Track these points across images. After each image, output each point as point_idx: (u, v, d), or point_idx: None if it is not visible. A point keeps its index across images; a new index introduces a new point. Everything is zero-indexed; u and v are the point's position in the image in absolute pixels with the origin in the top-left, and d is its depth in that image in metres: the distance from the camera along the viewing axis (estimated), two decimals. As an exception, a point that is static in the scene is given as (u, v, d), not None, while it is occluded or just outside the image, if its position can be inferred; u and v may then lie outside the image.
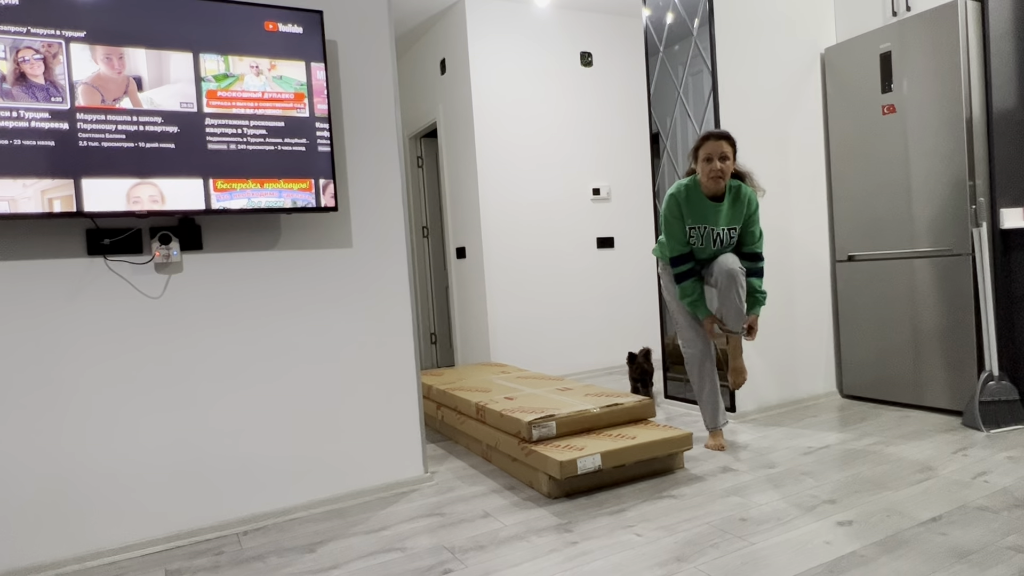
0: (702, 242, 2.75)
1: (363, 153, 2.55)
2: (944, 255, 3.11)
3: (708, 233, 2.73)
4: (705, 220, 2.72)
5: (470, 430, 3.01)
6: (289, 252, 2.41)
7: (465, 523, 2.22)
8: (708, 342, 2.86)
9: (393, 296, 2.60)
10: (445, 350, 5.83)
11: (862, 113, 3.42)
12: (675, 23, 3.51)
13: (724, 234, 2.74)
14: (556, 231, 4.86)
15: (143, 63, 2.04)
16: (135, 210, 2.04)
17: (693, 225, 2.73)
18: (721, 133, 2.64)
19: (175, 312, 2.22)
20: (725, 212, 2.72)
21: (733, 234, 2.75)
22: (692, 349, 2.87)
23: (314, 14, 2.31)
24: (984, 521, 1.95)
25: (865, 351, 3.51)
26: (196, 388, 2.25)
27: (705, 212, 2.71)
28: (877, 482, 2.33)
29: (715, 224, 2.72)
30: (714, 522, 2.08)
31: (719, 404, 2.88)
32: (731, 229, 2.74)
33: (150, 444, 2.18)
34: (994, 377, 2.87)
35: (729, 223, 2.74)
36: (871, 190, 3.41)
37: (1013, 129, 3.07)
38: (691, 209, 2.71)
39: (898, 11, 3.33)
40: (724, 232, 2.73)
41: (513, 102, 4.70)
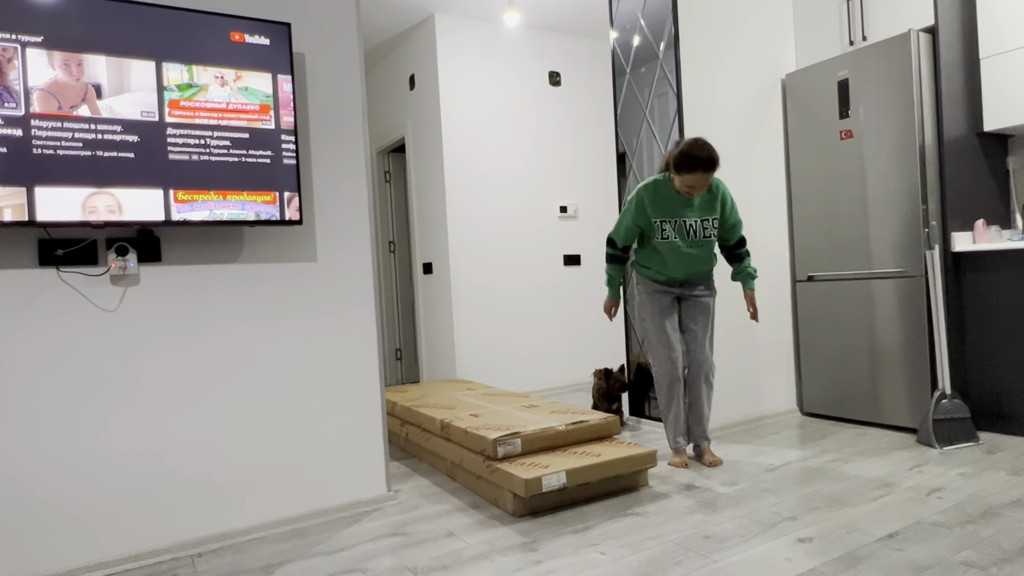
0: (675, 235, 2.74)
1: (330, 167, 2.52)
2: (899, 276, 3.20)
3: (680, 226, 2.73)
4: (675, 213, 2.73)
5: (435, 448, 2.97)
6: (251, 266, 2.36)
7: (428, 543, 2.18)
8: (678, 364, 2.84)
9: (358, 311, 2.57)
10: (410, 366, 5.78)
11: (821, 137, 3.52)
12: (642, 46, 3.58)
13: (698, 225, 2.74)
14: (523, 248, 4.88)
15: (103, 70, 1.99)
16: (91, 220, 1.98)
17: (664, 219, 2.73)
18: (710, 164, 2.56)
19: (131, 326, 2.15)
20: (697, 204, 2.74)
21: (707, 225, 2.75)
22: (661, 369, 2.86)
23: (282, 26, 2.29)
24: (939, 537, 1.99)
25: (824, 370, 3.58)
26: (151, 404, 2.18)
27: (675, 205, 2.74)
28: (836, 499, 2.37)
29: (686, 216, 2.73)
30: (678, 540, 2.08)
31: (681, 425, 2.90)
32: (705, 220, 2.74)
33: (101, 462, 2.10)
34: (947, 396, 2.95)
35: (702, 214, 2.75)
36: (830, 212, 3.50)
37: (963, 156, 3.19)
38: (659, 205, 2.73)
39: (855, 40, 3.45)
40: (698, 223, 2.74)
41: (482, 119, 4.73)
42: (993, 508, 2.19)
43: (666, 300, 2.86)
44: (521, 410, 2.98)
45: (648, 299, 2.88)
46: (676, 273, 2.82)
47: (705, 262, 2.83)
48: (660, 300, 2.85)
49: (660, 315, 2.86)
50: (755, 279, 2.89)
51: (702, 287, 2.88)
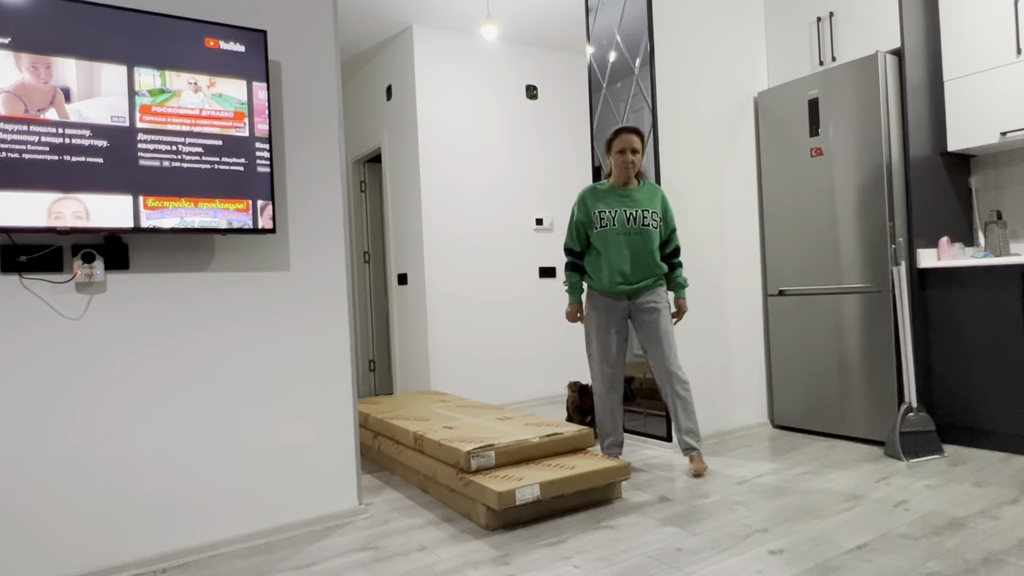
0: (614, 221, 2.84)
1: (304, 175, 2.50)
2: (867, 292, 3.27)
3: (620, 213, 2.85)
4: (618, 204, 2.87)
5: (408, 460, 2.94)
6: (223, 274, 2.32)
7: (400, 557, 2.15)
8: (614, 381, 2.97)
9: (331, 321, 2.54)
10: (384, 378, 5.73)
11: (792, 155, 3.59)
12: (618, 61, 3.62)
13: (639, 214, 2.84)
14: (499, 260, 4.88)
15: (72, 74, 1.96)
16: (56, 226, 1.93)
17: (602, 208, 2.86)
18: (632, 128, 2.86)
19: (96, 335, 2.10)
20: (639, 197, 2.88)
21: (646, 215, 2.85)
22: (596, 383, 3.00)
23: (258, 33, 2.27)
24: (906, 548, 2.02)
25: (795, 383, 3.63)
26: (114, 415, 2.12)
27: (617, 198, 2.88)
28: (806, 511, 2.39)
29: (626, 207, 2.85)
30: (651, 552, 2.08)
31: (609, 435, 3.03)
32: (644, 210, 2.85)
33: (61, 476, 2.04)
34: (913, 409, 3.01)
35: (644, 205, 2.87)
36: (800, 228, 3.56)
37: (928, 175, 3.28)
38: (599, 198, 2.90)
39: (824, 61, 3.53)
40: (637, 212, 2.85)
41: (459, 131, 4.73)
42: (958, 520, 2.23)
43: (614, 317, 2.92)
44: (495, 422, 2.97)
45: (594, 315, 2.95)
46: (619, 276, 2.86)
47: (647, 261, 2.87)
48: (607, 317, 2.91)
49: (605, 331, 2.92)
50: (685, 288, 3.00)
51: (651, 300, 2.90)
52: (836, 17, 3.47)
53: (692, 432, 2.91)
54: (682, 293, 2.99)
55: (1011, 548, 1.98)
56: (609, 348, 2.93)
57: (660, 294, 2.92)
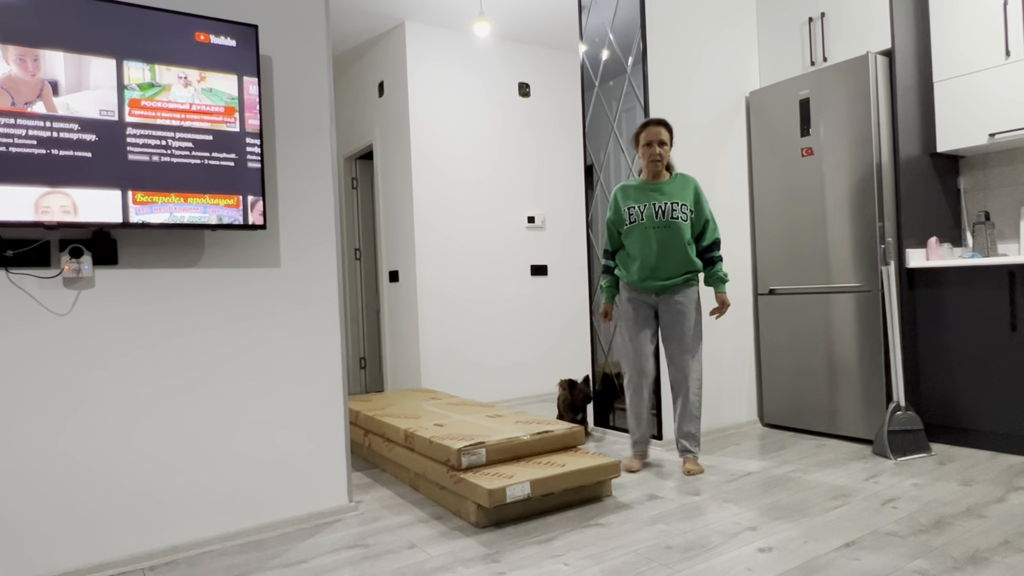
0: (643, 216, 2.80)
1: (295, 171, 2.49)
2: (856, 291, 3.28)
3: (649, 208, 2.80)
4: (645, 198, 2.83)
5: (398, 458, 2.94)
6: (213, 270, 2.31)
7: (390, 554, 2.15)
8: (644, 368, 2.90)
9: (322, 318, 2.53)
10: (374, 375, 5.71)
11: (783, 154, 3.60)
12: (610, 60, 3.62)
13: (667, 206, 2.78)
14: (490, 257, 4.88)
15: (60, 67, 1.94)
16: (44, 221, 1.91)
17: (633, 204, 2.84)
18: (659, 120, 2.82)
19: (84, 331, 2.08)
20: (669, 190, 2.82)
21: (676, 208, 2.77)
22: (627, 371, 2.95)
23: (249, 28, 2.26)
24: (893, 546, 2.04)
25: (784, 381, 3.65)
26: (103, 412, 2.10)
27: (647, 193, 2.84)
28: (795, 509, 2.41)
29: (656, 200, 2.80)
30: (640, 550, 2.09)
31: (641, 430, 2.98)
32: (675, 203, 2.78)
33: (49, 473, 2.02)
34: (901, 408, 3.03)
35: (674, 197, 2.80)
36: (791, 227, 3.58)
37: (917, 175, 3.30)
38: (630, 194, 2.88)
39: (816, 61, 3.55)
40: (667, 204, 2.78)
41: (451, 128, 4.72)
42: (945, 518, 2.25)
43: (641, 313, 2.89)
44: (486, 420, 2.97)
45: (625, 306, 2.94)
46: (647, 270, 2.82)
47: (678, 256, 2.80)
48: (637, 309, 2.89)
49: (634, 323, 2.90)
50: (726, 283, 2.88)
51: (679, 300, 2.84)
52: (827, 18, 3.49)
53: (691, 436, 2.90)
54: (722, 288, 2.87)
55: (997, 546, 2.00)
56: (638, 344, 2.89)
57: (690, 294, 2.85)
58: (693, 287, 2.87)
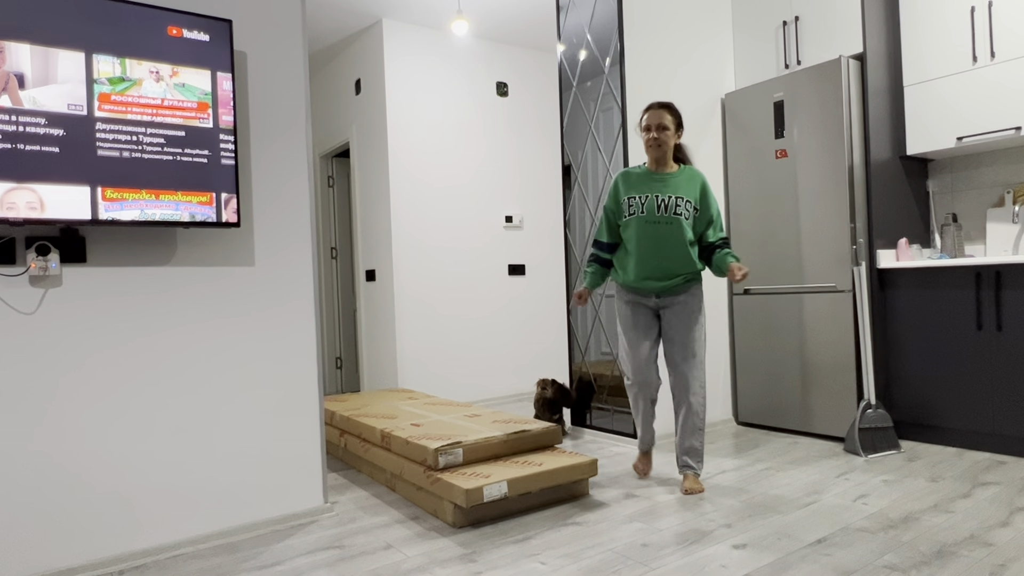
0: (643, 208, 2.57)
1: (270, 168, 2.46)
2: (829, 291, 3.34)
3: (651, 200, 2.57)
4: (647, 189, 2.60)
5: (374, 458, 2.92)
6: (185, 268, 2.27)
7: (366, 555, 2.13)
8: (646, 378, 2.68)
9: (297, 318, 2.51)
10: (351, 375, 5.67)
11: (757, 156, 3.64)
12: (588, 60, 3.63)
13: (670, 200, 2.56)
14: (468, 257, 4.86)
15: (26, 59, 1.89)
16: (9, 217, 1.86)
17: (633, 195, 2.61)
18: (662, 103, 2.62)
19: (51, 330, 2.03)
20: (674, 182, 2.61)
21: (679, 203, 2.56)
22: (628, 380, 2.74)
23: (223, 23, 2.22)
24: (864, 542, 2.07)
25: (758, 381, 3.69)
26: (70, 413, 2.06)
27: (649, 183, 2.62)
28: (769, 506, 2.44)
29: (658, 192, 2.58)
30: (617, 548, 2.10)
31: (646, 435, 2.81)
32: (679, 197, 2.57)
33: (16, 474, 1.97)
34: (872, 406, 3.09)
35: (678, 192, 2.58)
36: (765, 228, 3.62)
37: (888, 178, 3.36)
38: (632, 183, 2.65)
39: (790, 64, 3.60)
40: (671, 199, 2.56)
41: (428, 126, 4.70)
42: (913, 514, 2.29)
43: (642, 314, 2.67)
44: (463, 420, 2.96)
45: (625, 312, 2.69)
46: (646, 269, 2.60)
47: (678, 255, 2.58)
48: (636, 313, 2.67)
49: (634, 328, 2.67)
50: (734, 259, 2.59)
51: (682, 301, 2.62)
52: (801, 21, 3.54)
53: (695, 452, 2.66)
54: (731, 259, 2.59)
55: (963, 540, 2.04)
56: (637, 350, 2.66)
57: (694, 294, 2.64)
58: (698, 287, 2.66)
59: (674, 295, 2.64)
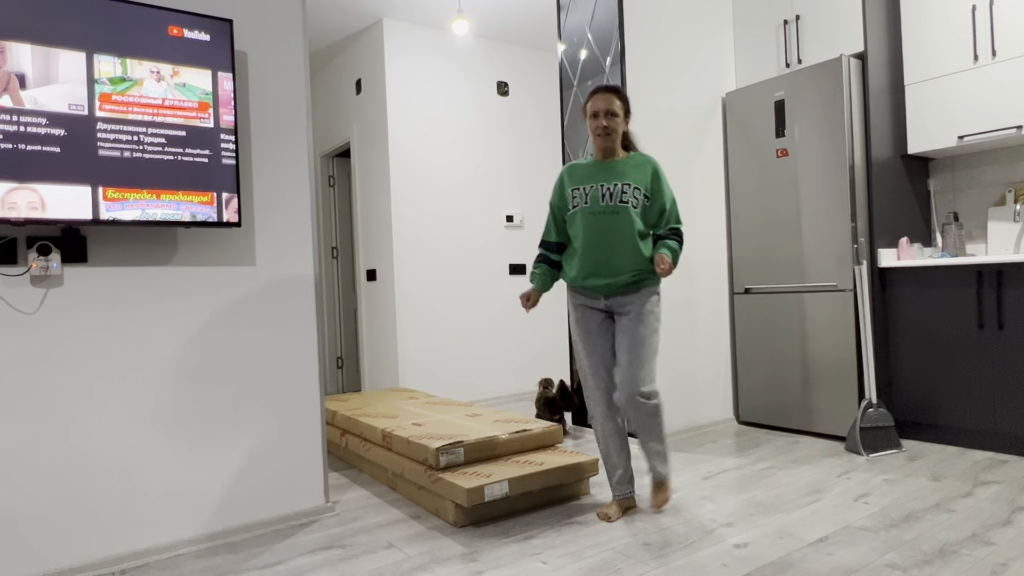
0: (587, 199, 2.33)
1: (271, 168, 2.46)
2: (830, 290, 3.33)
3: (596, 190, 2.33)
4: (592, 179, 2.37)
5: (376, 458, 2.92)
6: (186, 268, 2.27)
7: (367, 555, 2.13)
8: (609, 395, 2.39)
9: (298, 317, 2.51)
10: (352, 375, 5.67)
11: (758, 155, 3.64)
12: (588, 59, 3.63)
13: (618, 189, 2.31)
14: (469, 256, 4.86)
15: (27, 59, 1.89)
16: (10, 217, 1.86)
17: (578, 187, 2.37)
18: (609, 86, 2.36)
19: (52, 330, 2.03)
20: (621, 169, 2.35)
21: (626, 191, 2.31)
22: (591, 401, 2.43)
23: (224, 22, 2.22)
24: (866, 541, 2.07)
25: (759, 380, 3.69)
26: (70, 412, 2.06)
27: (594, 173, 2.38)
28: (770, 505, 2.43)
29: (604, 181, 2.34)
30: (618, 547, 2.10)
31: (613, 466, 2.43)
32: (625, 184, 2.31)
33: (17, 475, 1.97)
34: (873, 405, 3.08)
35: (625, 178, 2.33)
36: (766, 227, 3.62)
37: (889, 177, 3.36)
38: (577, 175, 2.41)
39: (791, 63, 3.60)
40: (616, 187, 2.31)
41: (429, 126, 4.70)
42: (915, 512, 2.29)
43: (595, 320, 2.40)
44: (464, 419, 2.96)
45: (575, 316, 2.45)
46: (590, 265, 2.34)
47: (625, 249, 2.31)
48: (588, 319, 2.41)
49: (586, 334, 2.41)
50: (673, 252, 2.34)
51: (631, 302, 2.34)
52: (802, 20, 3.53)
53: (658, 454, 2.41)
54: (665, 251, 2.33)
55: (964, 539, 2.04)
56: (596, 360, 2.40)
57: (645, 295, 2.34)
58: (651, 288, 2.36)
59: (624, 296, 2.35)
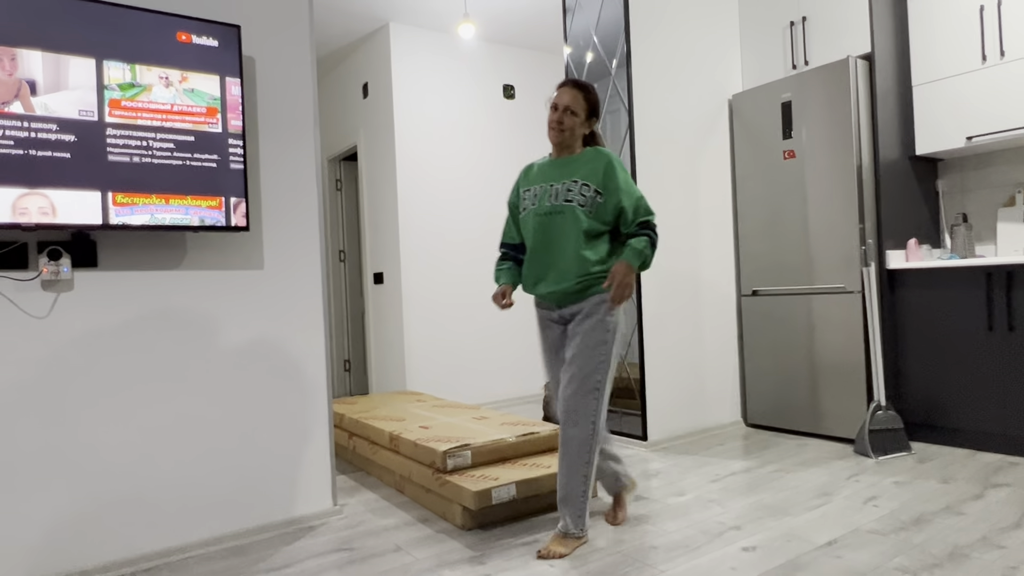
0: (535, 200, 2.17)
1: (279, 172, 2.47)
2: (838, 292, 3.32)
3: (544, 190, 2.17)
4: (544, 179, 2.20)
5: (383, 460, 2.92)
6: (195, 272, 2.29)
7: (375, 558, 2.14)
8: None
9: (306, 321, 2.52)
10: (359, 378, 5.68)
11: (765, 157, 3.63)
12: (594, 62, 3.63)
13: (563, 188, 2.12)
14: (475, 259, 4.87)
15: (38, 66, 1.91)
16: (21, 222, 1.88)
17: (529, 186, 2.23)
18: (576, 81, 2.20)
19: (63, 334, 2.05)
20: (573, 166, 2.16)
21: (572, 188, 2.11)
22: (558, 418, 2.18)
23: (231, 28, 2.24)
24: (875, 544, 2.06)
25: (767, 382, 3.68)
26: (81, 416, 2.07)
27: (547, 172, 2.21)
28: (778, 508, 2.42)
29: (556, 179, 2.16)
30: (625, 551, 2.09)
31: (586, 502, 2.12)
32: (575, 182, 2.11)
33: (27, 476, 1.98)
34: (882, 407, 3.07)
35: (575, 175, 2.13)
36: (773, 229, 3.61)
37: (897, 178, 3.34)
38: (531, 175, 2.26)
39: (797, 64, 3.59)
40: (564, 185, 2.12)
41: (435, 129, 4.72)
42: (925, 515, 2.28)
43: (553, 333, 2.23)
44: (471, 422, 2.96)
45: (538, 329, 2.29)
46: (535, 271, 2.17)
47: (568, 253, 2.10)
48: (547, 333, 2.24)
49: (547, 352, 2.26)
50: (639, 256, 2.07)
51: (579, 307, 2.12)
52: (809, 22, 3.53)
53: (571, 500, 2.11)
54: (629, 257, 2.07)
55: (975, 542, 2.03)
56: (551, 372, 2.27)
57: (593, 301, 2.11)
58: (601, 294, 2.11)
59: (574, 305, 2.14)
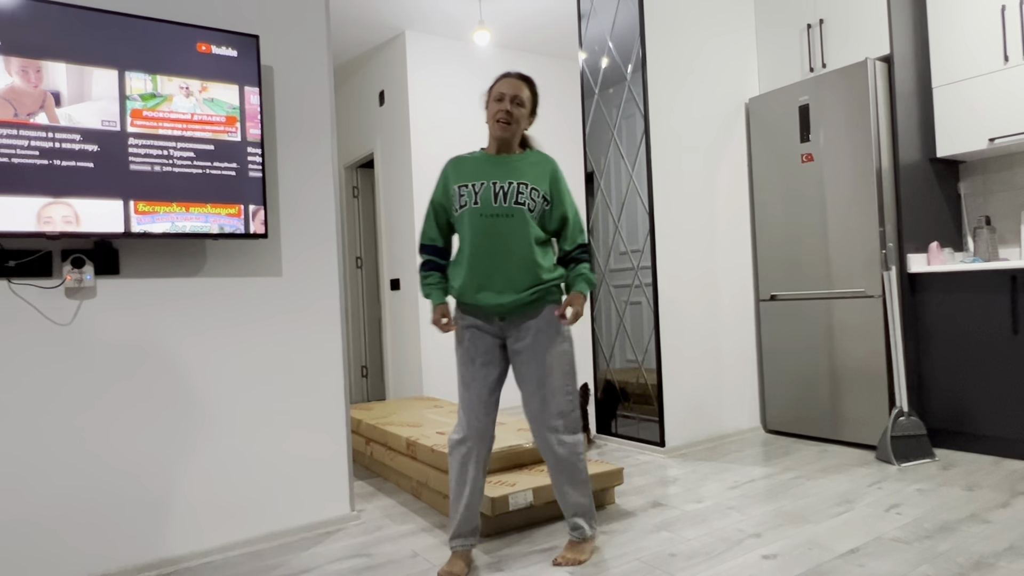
0: (477, 199, 1.97)
1: (296, 180, 2.50)
2: (858, 296, 3.28)
3: (488, 188, 1.98)
4: (483, 175, 2.01)
5: (400, 466, 2.93)
6: (214, 279, 2.31)
7: (392, 564, 2.14)
8: (473, 432, 2.02)
9: (323, 327, 2.53)
10: (376, 384, 5.71)
11: (783, 160, 3.61)
12: (610, 68, 3.63)
13: (513, 189, 1.98)
14: (492, 265, 4.87)
15: (63, 78, 1.95)
16: (45, 231, 1.92)
17: (465, 183, 2.01)
18: (523, 75, 2.07)
19: (86, 340, 2.08)
20: (518, 167, 2.03)
21: (523, 191, 1.98)
22: (454, 432, 2.07)
23: (250, 38, 2.27)
24: (898, 552, 2.02)
25: (786, 388, 3.64)
26: (103, 421, 2.10)
27: (486, 168, 2.03)
28: (799, 515, 2.39)
29: (500, 178, 2.00)
30: (644, 558, 2.08)
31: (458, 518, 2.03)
32: (525, 185, 1.99)
33: (49, 481, 2.01)
34: (904, 413, 3.02)
35: (522, 177, 2.00)
36: (792, 233, 3.58)
37: (917, 181, 3.30)
38: (465, 170, 2.04)
39: (815, 67, 3.56)
40: (513, 187, 1.98)
41: (451, 136, 4.74)
42: (949, 523, 2.24)
43: (483, 345, 2.03)
44: (488, 428, 2.96)
45: (459, 336, 2.07)
46: (479, 278, 1.98)
47: (521, 259, 1.97)
48: (476, 344, 2.03)
49: (470, 365, 2.03)
50: (591, 286, 2.06)
51: (533, 320, 2.00)
52: (826, 24, 3.50)
53: (581, 508, 2.08)
54: (583, 288, 2.04)
55: (1002, 551, 1.99)
56: (473, 394, 2.02)
57: (548, 312, 2.02)
58: (555, 304, 2.04)
59: (522, 317, 2.01)
